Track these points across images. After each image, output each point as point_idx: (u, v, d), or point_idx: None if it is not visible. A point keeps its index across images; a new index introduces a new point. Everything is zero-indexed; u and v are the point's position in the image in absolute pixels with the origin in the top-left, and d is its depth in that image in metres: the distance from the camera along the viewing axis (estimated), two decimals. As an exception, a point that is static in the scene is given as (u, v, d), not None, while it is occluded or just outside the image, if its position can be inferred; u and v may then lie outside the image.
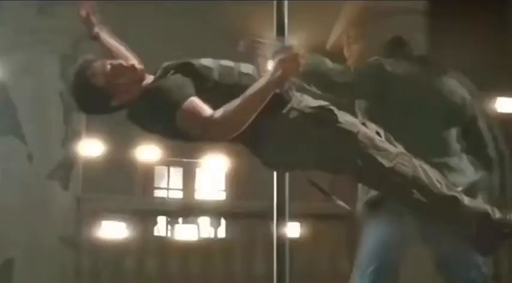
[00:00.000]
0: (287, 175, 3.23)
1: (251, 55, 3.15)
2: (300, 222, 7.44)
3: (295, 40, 3.41)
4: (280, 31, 3.23)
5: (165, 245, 8.09)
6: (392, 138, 3.00)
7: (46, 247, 7.17)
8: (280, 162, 2.87)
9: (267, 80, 2.55)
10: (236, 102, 2.56)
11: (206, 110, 2.60)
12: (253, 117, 2.58)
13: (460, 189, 2.98)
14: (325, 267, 7.78)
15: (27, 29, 7.52)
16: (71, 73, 2.87)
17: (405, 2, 8.17)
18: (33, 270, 7.11)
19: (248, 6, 7.84)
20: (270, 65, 3.18)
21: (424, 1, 8.08)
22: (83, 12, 3.20)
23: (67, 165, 7.48)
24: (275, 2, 3.25)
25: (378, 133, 2.96)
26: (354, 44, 8.71)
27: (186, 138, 2.74)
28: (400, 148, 2.95)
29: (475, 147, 3.64)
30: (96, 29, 3.19)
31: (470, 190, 3.16)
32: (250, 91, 2.57)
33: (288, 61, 2.53)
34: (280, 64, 2.52)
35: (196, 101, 2.62)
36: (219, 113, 2.57)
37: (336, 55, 8.81)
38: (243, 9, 8.17)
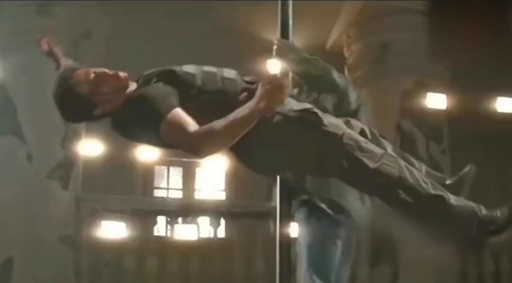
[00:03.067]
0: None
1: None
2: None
3: (297, 40, 3.42)
4: (284, 31, 3.23)
5: (164, 245, 8.08)
6: (378, 134, 3.01)
7: (46, 246, 7.17)
8: (267, 167, 2.87)
9: (252, 108, 2.51)
10: (221, 123, 2.53)
11: (190, 124, 2.57)
12: (236, 140, 2.58)
13: (449, 182, 3.00)
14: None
15: (26, 29, 7.51)
16: (55, 81, 2.84)
17: (405, 2, 8.17)
18: (32, 270, 7.11)
19: (251, 6, 7.85)
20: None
21: (424, 1, 8.09)
22: (45, 46, 3.12)
23: (67, 165, 7.49)
24: (280, 2, 3.25)
25: (363, 130, 2.97)
26: (353, 44, 8.71)
27: (170, 147, 2.73)
28: (387, 144, 2.97)
29: None
30: (63, 60, 3.13)
31: None
32: (235, 115, 2.53)
33: (273, 92, 2.50)
34: (265, 95, 2.50)
35: (180, 113, 2.60)
36: (203, 131, 2.55)
37: (336, 55, 8.82)
38: (243, 9, 8.16)
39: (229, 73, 2.84)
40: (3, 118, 7.49)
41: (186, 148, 2.61)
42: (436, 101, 7.95)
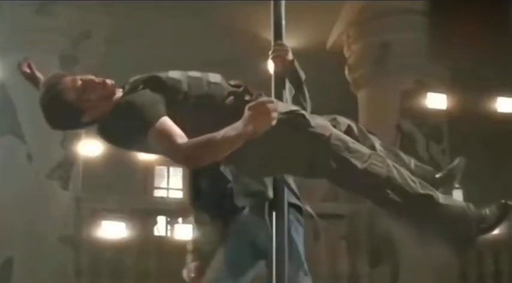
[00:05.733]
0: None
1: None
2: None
3: (296, 40, 3.41)
4: (277, 31, 3.21)
5: (164, 245, 8.08)
6: (365, 130, 3.02)
7: (46, 246, 7.17)
8: (255, 170, 2.87)
9: (240, 131, 2.49)
10: (209, 140, 2.51)
11: (178, 135, 2.56)
12: (222, 157, 2.59)
13: (438, 176, 3.01)
14: (325, 267, 7.78)
15: (26, 29, 7.52)
16: (41, 88, 2.84)
17: (405, 2, 8.17)
18: (32, 270, 7.11)
19: (251, 6, 7.85)
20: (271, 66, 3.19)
21: (424, 1, 8.09)
22: (26, 69, 3.10)
23: (67, 164, 7.48)
24: (272, 2, 3.23)
25: (350, 127, 2.98)
26: (353, 44, 8.71)
27: (157, 153, 2.72)
28: (375, 140, 2.97)
29: None
30: None
31: None
32: (224, 134, 2.51)
33: (260, 116, 2.48)
34: (252, 119, 2.48)
35: (168, 122, 2.59)
36: (191, 144, 2.53)
37: (336, 55, 8.82)
38: (242, 8, 8.16)
39: (215, 77, 2.84)
40: (3, 118, 7.49)
41: (173, 159, 2.62)
42: (436, 101, 7.96)
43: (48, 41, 7.59)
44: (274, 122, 2.51)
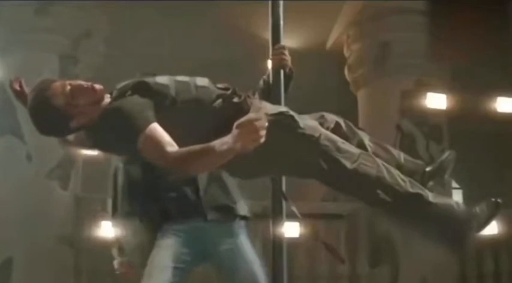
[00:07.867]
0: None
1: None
2: (299, 222, 7.42)
3: (293, 40, 3.40)
4: (275, 32, 3.20)
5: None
6: (353, 126, 3.03)
7: (45, 247, 7.16)
8: (246, 171, 2.88)
9: (229, 146, 2.46)
10: (198, 152, 2.50)
11: (167, 143, 2.56)
12: (211, 169, 2.60)
13: (429, 169, 3.01)
14: (325, 267, 7.77)
15: (26, 29, 7.51)
16: (30, 94, 2.80)
17: (405, 2, 8.17)
18: (32, 270, 7.10)
19: (251, 6, 7.86)
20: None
21: (424, 1, 8.09)
22: (16, 86, 3.08)
23: (66, 164, 7.48)
24: (270, 2, 3.22)
25: (338, 123, 2.99)
26: (353, 44, 8.71)
27: (146, 159, 2.73)
28: (363, 135, 2.98)
29: None
30: None
31: None
32: (213, 147, 2.49)
33: (248, 134, 2.44)
34: (240, 136, 2.44)
35: (157, 129, 2.59)
36: (179, 154, 2.53)
37: (336, 55, 8.82)
38: (242, 9, 8.16)
39: (202, 81, 2.85)
40: (3, 118, 7.48)
41: (162, 165, 2.62)
42: (436, 100, 7.95)
43: (48, 41, 7.59)
44: (262, 140, 2.46)
